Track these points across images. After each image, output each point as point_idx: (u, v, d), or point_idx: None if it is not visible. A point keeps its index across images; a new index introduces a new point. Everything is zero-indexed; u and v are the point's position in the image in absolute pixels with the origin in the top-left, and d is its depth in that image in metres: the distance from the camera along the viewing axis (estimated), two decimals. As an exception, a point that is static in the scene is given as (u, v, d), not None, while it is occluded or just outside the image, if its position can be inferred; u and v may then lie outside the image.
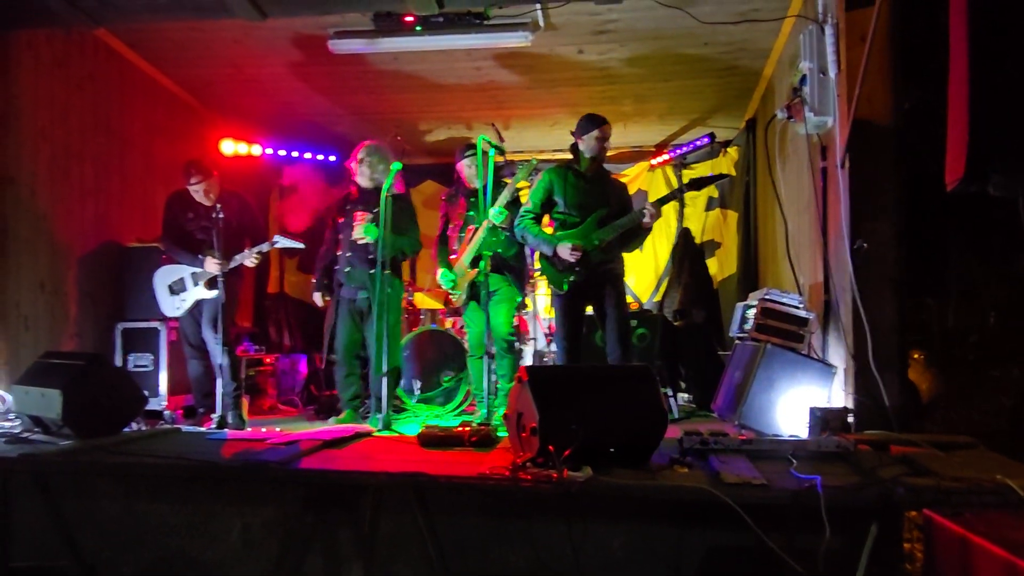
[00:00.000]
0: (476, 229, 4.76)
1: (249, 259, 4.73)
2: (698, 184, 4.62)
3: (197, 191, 4.78)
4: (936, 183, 2.41)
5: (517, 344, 5.40)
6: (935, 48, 2.72)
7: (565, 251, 4.35)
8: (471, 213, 4.94)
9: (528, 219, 4.54)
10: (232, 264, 4.69)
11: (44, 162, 4.90)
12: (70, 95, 5.13)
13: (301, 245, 4.91)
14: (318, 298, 5.05)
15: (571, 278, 4.43)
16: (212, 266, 4.67)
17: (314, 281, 5.11)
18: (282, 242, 4.79)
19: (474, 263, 4.79)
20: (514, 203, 4.70)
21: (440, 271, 5.01)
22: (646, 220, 4.36)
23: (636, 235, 4.51)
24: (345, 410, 4.85)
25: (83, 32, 5.15)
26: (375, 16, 4.90)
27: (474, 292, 4.85)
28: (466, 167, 4.99)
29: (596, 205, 4.47)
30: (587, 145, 4.50)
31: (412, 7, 4.73)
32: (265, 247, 4.76)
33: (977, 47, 2.15)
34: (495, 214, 4.50)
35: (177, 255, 4.87)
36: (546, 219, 4.71)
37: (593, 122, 4.49)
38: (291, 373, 6.52)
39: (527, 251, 5.00)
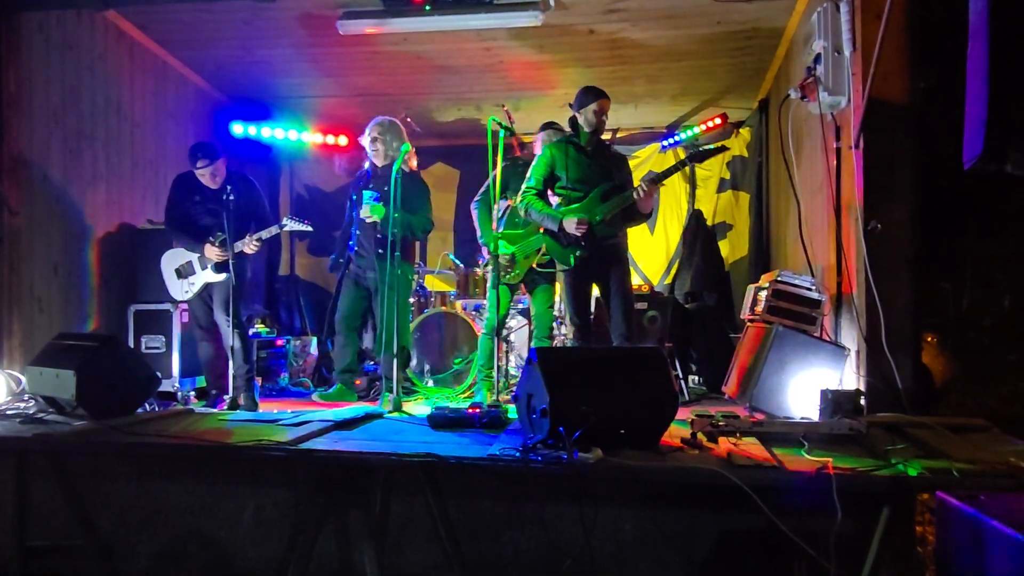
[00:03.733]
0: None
1: (248, 246, 4.68)
2: (701, 156, 4.48)
3: (203, 175, 4.77)
4: (953, 164, 2.38)
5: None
6: (953, 26, 2.67)
7: (571, 225, 4.30)
8: None
9: (531, 195, 4.49)
10: (207, 267, 4.70)
11: (56, 144, 4.92)
12: (81, 77, 5.14)
13: (309, 228, 4.88)
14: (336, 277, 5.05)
15: (577, 253, 4.38)
16: (211, 253, 4.68)
17: (332, 259, 5.12)
18: (291, 225, 4.76)
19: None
20: None
21: (501, 241, 4.77)
22: (639, 196, 4.28)
23: (639, 211, 4.45)
24: (337, 383, 4.82)
25: (93, 14, 5.14)
26: (384, -4, 4.88)
27: (533, 277, 4.81)
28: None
29: (599, 179, 4.42)
30: (585, 119, 4.42)
31: (421, -14, 4.70)
32: (274, 229, 4.74)
33: (997, 22, 2.11)
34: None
35: (179, 239, 4.87)
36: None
37: (590, 95, 4.40)
38: (302, 355, 6.55)
39: None
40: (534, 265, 4.86)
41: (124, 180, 5.60)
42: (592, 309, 4.73)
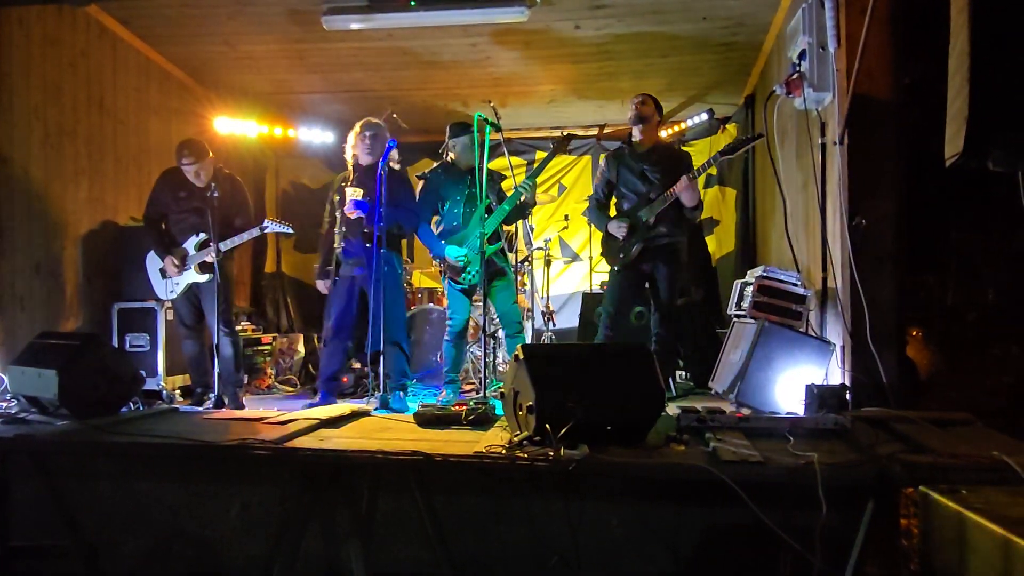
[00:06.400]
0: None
1: (209, 256, 4.65)
2: (732, 148, 4.54)
3: (189, 172, 4.74)
4: (936, 159, 2.38)
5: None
6: (936, 21, 2.67)
7: (613, 227, 4.73)
8: (473, 189, 4.81)
9: (592, 201, 5.00)
10: (187, 267, 4.71)
11: (37, 141, 4.86)
12: (62, 73, 5.08)
13: (290, 230, 4.86)
14: (322, 285, 4.87)
15: (621, 255, 4.73)
16: (170, 268, 4.72)
17: (316, 267, 4.99)
18: (271, 227, 4.75)
19: (491, 239, 4.67)
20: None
21: (448, 247, 4.74)
22: (671, 193, 4.51)
23: (684, 205, 4.58)
24: (321, 391, 4.79)
25: (74, 9, 5.09)
26: (369, -9, 4.85)
27: (488, 272, 4.64)
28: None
29: (646, 184, 4.70)
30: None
31: (406, -18, 4.68)
32: (255, 232, 4.72)
33: (978, 19, 2.11)
34: (528, 187, 4.54)
35: (149, 239, 4.87)
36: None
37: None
38: (289, 352, 6.52)
39: None
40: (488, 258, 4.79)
41: (107, 177, 5.55)
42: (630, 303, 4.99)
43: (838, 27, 3.68)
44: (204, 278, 4.70)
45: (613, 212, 4.95)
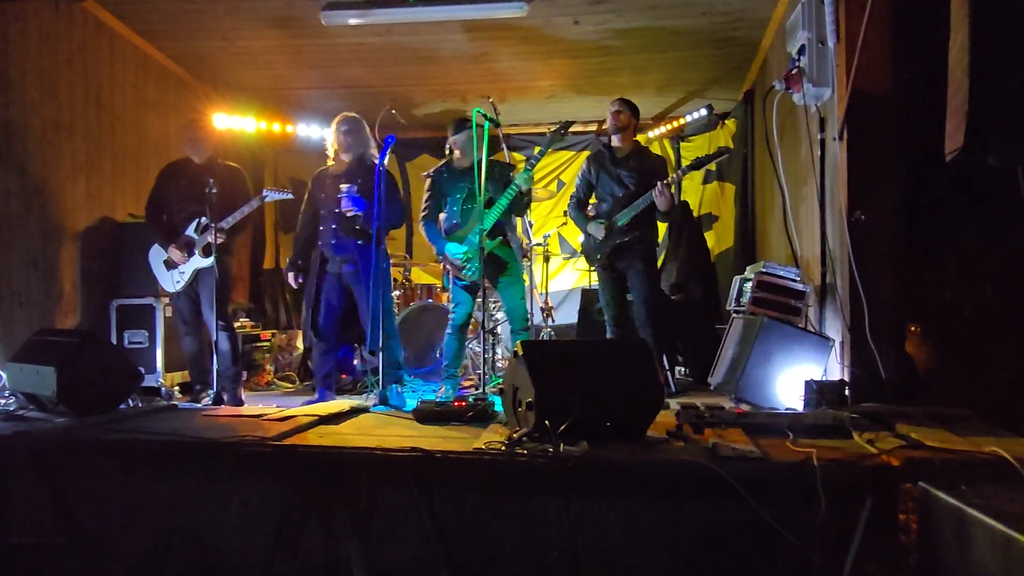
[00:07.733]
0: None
1: (211, 234, 4.60)
2: (699, 163, 4.83)
3: (187, 141, 4.77)
4: (936, 155, 2.38)
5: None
6: (936, 17, 2.67)
7: (592, 229, 4.94)
8: (475, 186, 4.76)
9: (571, 204, 5.19)
10: (194, 253, 4.71)
11: (34, 137, 4.85)
12: (59, 69, 5.06)
13: (290, 195, 4.85)
14: (292, 279, 4.84)
15: (598, 255, 4.95)
16: (175, 255, 4.70)
17: (288, 260, 4.93)
18: (271, 195, 4.75)
19: (491, 234, 4.58)
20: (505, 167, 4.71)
21: (448, 244, 4.67)
22: (657, 199, 4.65)
23: (660, 210, 4.76)
24: (320, 388, 4.79)
25: (71, 4, 5.07)
26: (367, -14, 4.84)
27: (492, 267, 4.61)
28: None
29: (622, 187, 4.89)
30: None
31: (405, -23, 4.67)
32: (255, 203, 4.70)
33: (978, 13, 2.11)
34: (526, 179, 4.53)
35: (152, 231, 4.87)
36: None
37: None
38: (288, 349, 6.51)
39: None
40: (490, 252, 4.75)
41: (104, 173, 5.54)
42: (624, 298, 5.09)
43: (837, 22, 3.67)
44: (208, 261, 4.65)
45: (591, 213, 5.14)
